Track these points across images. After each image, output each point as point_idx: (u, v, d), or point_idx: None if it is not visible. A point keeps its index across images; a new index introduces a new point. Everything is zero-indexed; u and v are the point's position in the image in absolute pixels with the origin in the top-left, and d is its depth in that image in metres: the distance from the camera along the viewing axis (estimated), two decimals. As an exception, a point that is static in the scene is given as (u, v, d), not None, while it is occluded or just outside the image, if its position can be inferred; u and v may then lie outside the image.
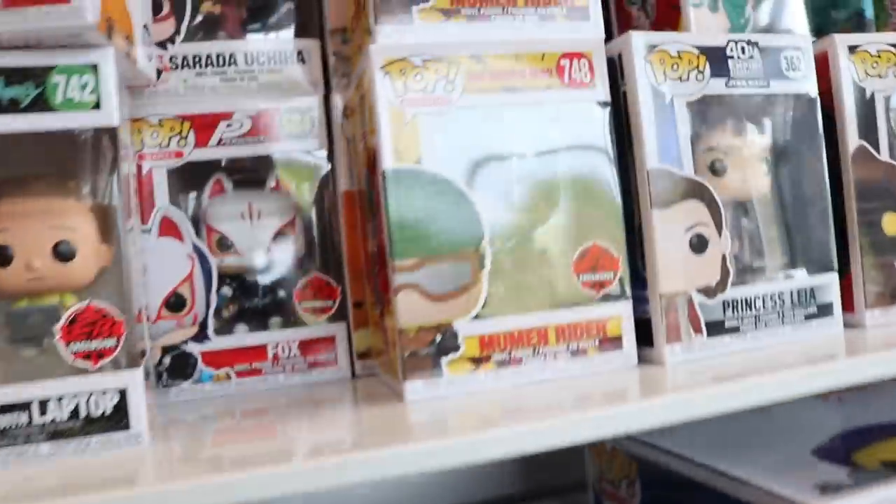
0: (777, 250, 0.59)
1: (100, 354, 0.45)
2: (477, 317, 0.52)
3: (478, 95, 0.53)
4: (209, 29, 0.61)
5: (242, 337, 0.60)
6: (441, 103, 0.52)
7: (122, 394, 0.45)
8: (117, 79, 0.46)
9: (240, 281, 0.62)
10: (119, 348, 0.45)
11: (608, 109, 0.55)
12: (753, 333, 0.57)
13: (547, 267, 0.54)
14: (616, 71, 0.56)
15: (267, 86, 0.61)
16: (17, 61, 0.44)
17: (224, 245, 0.61)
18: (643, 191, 0.55)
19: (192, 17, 0.60)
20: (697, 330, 0.55)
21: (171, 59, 0.59)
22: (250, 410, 0.55)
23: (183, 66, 0.59)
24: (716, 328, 0.56)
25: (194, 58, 0.59)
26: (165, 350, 0.58)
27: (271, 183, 0.62)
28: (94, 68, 0.45)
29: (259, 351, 0.60)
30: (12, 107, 0.44)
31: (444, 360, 0.51)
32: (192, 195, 0.61)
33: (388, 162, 0.51)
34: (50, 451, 0.44)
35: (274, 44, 0.61)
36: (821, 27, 0.69)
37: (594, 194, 0.55)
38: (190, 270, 0.59)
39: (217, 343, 0.59)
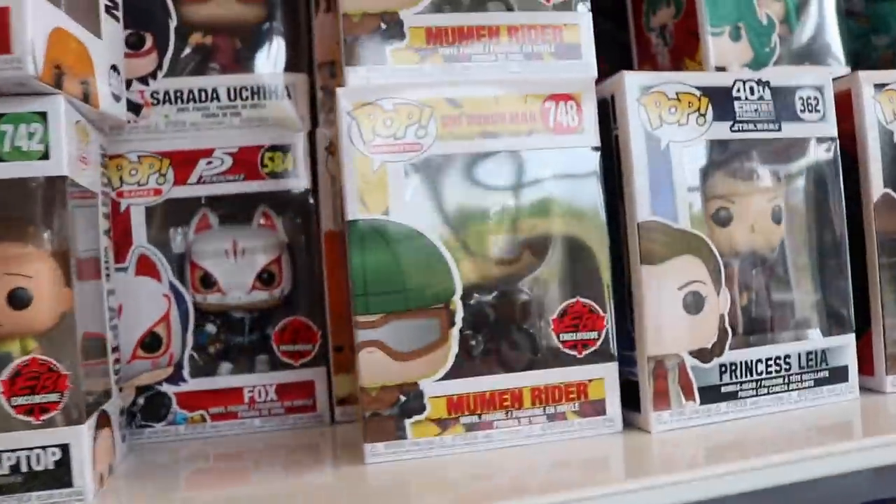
0: (787, 307, 0.54)
1: (43, 409, 0.44)
2: (445, 377, 0.49)
3: (453, 142, 0.50)
4: (200, 61, 0.60)
5: (218, 379, 0.59)
6: (412, 150, 0.49)
7: (65, 449, 0.44)
8: (68, 126, 0.45)
9: (224, 318, 0.61)
10: (63, 403, 0.45)
11: (597, 155, 0.51)
12: (754, 400, 0.52)
13: (526, 324, 0.51)
14: (609, 114, 0.52)
15: (250, 121, 0.59)
16: (-31, 110, 0.44)
17: (208, 282, 0.59)
18: (633, 245, 0.51)
19: (180, 49, 0.59)
20: (689, 396, 0.51)
21: (152, 94, 0.58)
22: (210, 463, 0.54)
23: (164, 102, 0.58)
24: (711, 394, 0.51)
25: (176, 93, 0.58)
26: (140, 390, 0.57)
27: (258, 219, 0.61)
28: (43, 116, 0.44)
29: (235, 394, 0.58)
30: (-43, 157, 0.44)
31: (408, 421, 0.49)
32: (178, 231, 0.59)
33: (352, 213, 0.49)
34: (-10, 508, 0.44)
35: (260, 78, 0.59)
36: (860, 54, 0.63)
37: (581, 247, 0.51)
38: (166, 310, 0.58)
39: (192, 384, 0.58)
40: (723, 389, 0.52)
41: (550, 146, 0.50)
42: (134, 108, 0.57)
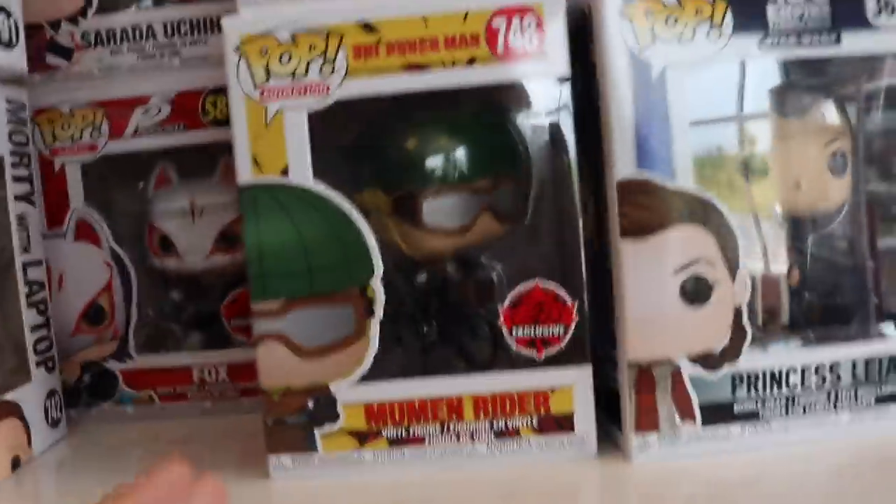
0: (849, 292, 0.39)
1: None
2: (362, 379, 0.39)
3: (368, 79, 0.38)
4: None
5: (166, 357, 0.52)
6: (316, 92, 0.39)
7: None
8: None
9: (192, 283, 0.54)
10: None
11: (566, 89, 0.38)
12: (783, 423, 0.38)
13: (472, 314, 0.40)
14: (586, 33, 0.38)
15: (191, 61, 0.50)
16: None
17: (166, 245, 0.53)
18: (612, 211, 0.37)
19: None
20: (687, 415, 0.37)
21: (83, 35, 0.50)
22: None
23: (96, 44, 0.50)
24: (718, 414, 0.38)
25: (108, 33, 0.50)
26: (84, 367, 0.52)
27: (221, 171, 0.53)
28: None
29: (184, 373, 0.52)
30: None
31: (318, 432, 0.40)
32: (126, 188, 0.53)
33: (244, 175, 0.39)
34: None
35: (199, 9, 0.50)
36: None
37: (542, 213, 0.39)
38: (108, 279, 0.52)
39: (139, 362, 0.52)
40: (737, 408, 0.37)
41: (500, 79, 0.38)
42: (64, 52, 0.50)
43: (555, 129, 0.38)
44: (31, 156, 0.49)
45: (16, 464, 0.45)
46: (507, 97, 0.39)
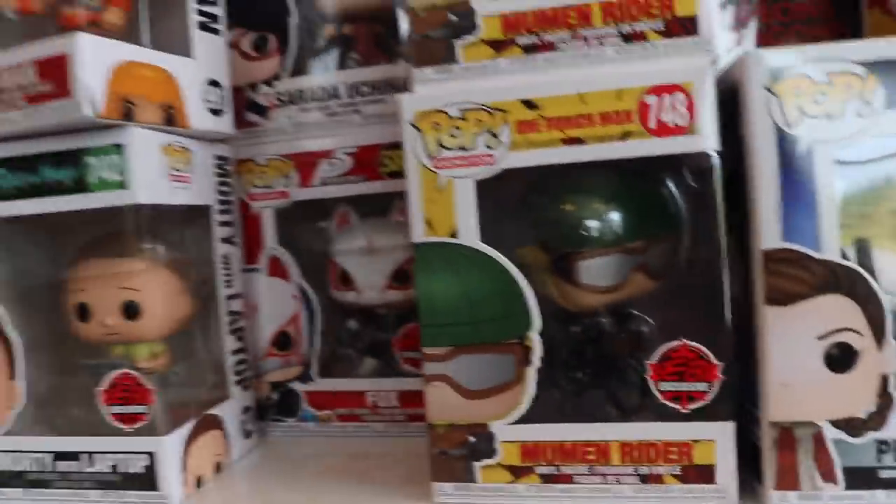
0: None
1: (135, 418, 0.48)
2: (519, 420, 0.43)
3: (530, 151, 0.42)
4: (340, 51, 0.58)
5: (344, 381, 0.58)
6: (483, 163, 0.43)
7: (152, 457, 0.47)
8: (148, 153, 0.47)
9: (367, 314, 0.60)
10: (150, 415, 0.48)
11: (716, 162, 0.40)
12: (932, 490, 0.38)
13: (620, 368, 0.43)
14: (735, 107, 0.40)
15: (371, 118, 0.56)
16: (60, 146, 0.47)
17: (345, 280, 0.59)
18: (756, 279, 0.39)
19: (311, 44, 0.57)
20: (829, 477, 0.39)
21: (277, 95, 0.57)
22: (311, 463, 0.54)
23: (288, 103, 0.57)
24: (861, 478, 0.39)
25: (299, 93, 0.57)
26: (273, 386, 0.59)
27: (396, 215, 0.58)
28: (119, 148, 0.46)
29: (360, 397, 0.57)
30: (59, 188, 0.47)
31: (477, 465, 0.44)
32: (309, 229, 0.59)
33: (418, 234, 0.44)
34: (97, 498, 0.49)
35: (379, 71, 0.56)
36: None
37: (692, 275, 0.41)
38: (296, 311, 0.59)
39: (320, 384, 0.58)
40: (881, 474, 0.39)
41: (652, 152, 0.41)
42: (261, 110, 0.58)
43: (704, 198, 0.40)
44: (234, 203, 0.57)
45: (218, 468, 0.53)
46: (659, 167, 0.42)
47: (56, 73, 0.43)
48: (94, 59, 0.43)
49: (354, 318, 0.60)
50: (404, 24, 0.55)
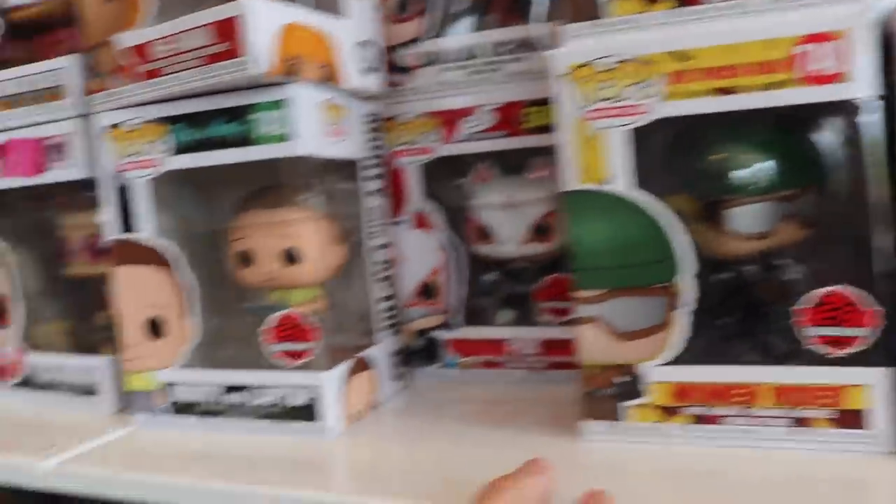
0: None
1: (298, 355, 0.52)
2: (669, 362, 0.45)
3: (682, 101, 0.43)
4: (478, 13, 0.60)
5: (487, 329, 0.61)
6: (634, 113, 0.44)
7: (314, 391, 0.51)
8: (309, 108, 0.50)
9: (504, 266, 0.62)
10: (315, 351, 0.51)
11: (872, 107, 0.40)
12: None
13: (771, 311, 0.44)
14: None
15: (512, 76, 0.57)
16: (230, 102, 0.51)
17: (484, 234, 0.61)
18: (916, 223, 0.39)
19: (450, 6, 0.59)
20: None
21: (419, 56, 0.59)
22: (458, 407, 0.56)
23: (431, 63, 0.59)
24: None
25: (441, 53, 0.59)
26: (416, 334, 0.62)
27: (534, 171, 0.60)
28: (284, 104, 0.49)
29: (501, 345, 0.60)
30: (228, 141, 0.51)
31: (627, 404, 0.46)
32: (452, 184, 0.62)
33: (570, 182, 0.45)
34: (264, 427, 0.53)
35: (521, 31, 0.57)
36: None
37: (848, 222, 0.42)
38: (440, 261, 0.61)
39: (463, 332, 0.61)
40: None
41: (806, 100, 0.41)
42: (404, 71, 0.60)
43: (860, 145, 0.40)
44: (381, 158, 0.60)
45: (370, 407, 0.56)
46: (813, 115, 0.42)
47: (229, 35, 0.47)
48: (264, 21, 0.47)
49: (492, 271, 0.63)
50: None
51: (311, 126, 0.50)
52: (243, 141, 0.50)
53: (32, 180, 0.61)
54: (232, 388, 0.53)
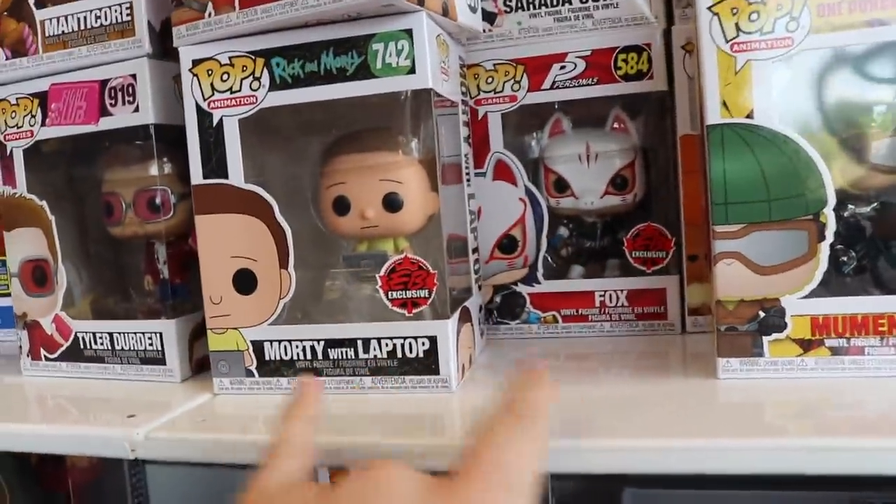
0: None
1: (414, 303, 0.49)
2: (810, 294, 0.45)
3: (831, 34, 0.44)
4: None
5: (570, 282, 0.60)
6: (781, 46, 0.44)
7: (433, 341, 0.49)
8: (430, 40, 0.47)
9: (577, 222, 0.62)
10: (431, 299, 0.49)
11: None
12: None
13: (909, 241, 0.45)
14: None
15: (603, 22, 0.57)
16: (342, 33, 0.48)
17: (561, 186, 0.60)
18: None
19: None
20: None
21: (505, 2, 0.58)
22: (561, 361, 0.56)
23: (517, 9, 0.58)
24: None
25: (528, -1, 0.58)
26: (496, 289, 0.61)
27: (611, 123, 0.59)
28: (409, 33, 0.47)
29: (587, 297, 0.59)
30: (340, 75, 0.48)
31: (767, 339, 0.46)
32: (532, 136, 0.61)
33: (712, 116, 0.45)
34: (371, 384, 0.50)
35: (613, -25, 0.57)
36: None
37: None
38: (522, 214, 0.60)
39: (546, 286, 0.60)
40: None
41: (957, 31, 0.42)
42: (488, 16, 0.58)
43: None
44: (469, 105, 0.58)
45: (470, 361, 0.54)
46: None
47: (364, -44, 0.44)
48: (400, -60, 0.44)
49: (565, 225, 0.62)
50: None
51: (433, 60, 0.48)
52: (359, 74, 0.47)
53: (86, 128, 0.56)
54: (332, 344, 0.50)
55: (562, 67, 0.57)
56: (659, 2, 0.56)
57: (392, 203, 0.51)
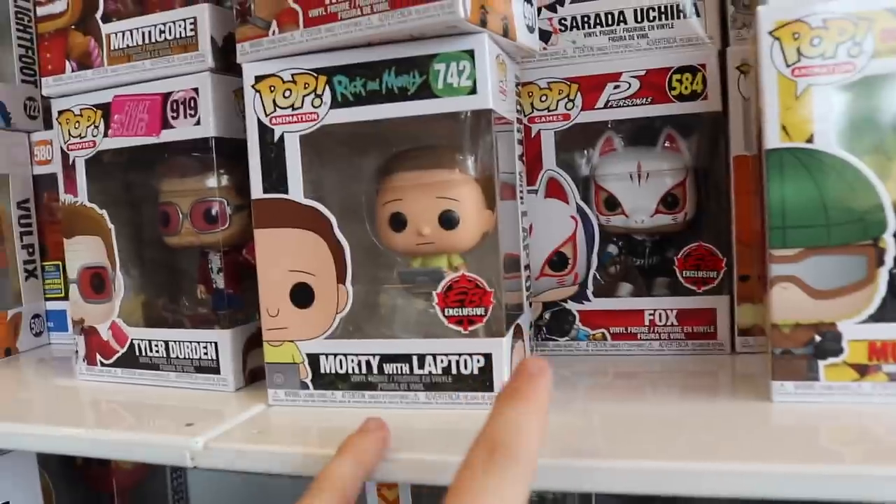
0: None
1: (470, 321, 0.49)
2: (868, 319, 0.45)
3: (892, 58, 0.44)
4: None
5: (620, 300, 0.60)
6: (843, 71, 0.44)
7: (488, 358, 0.49)
8: (491, 61, 0.48)
9: (626, 240, 0.62)
10: (487, 317, 0.49)
11: None
12: None
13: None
14: None
15: (658, 42, 0.57)
16: (404, 52, 0.48)
17: (611, 204, 0.60)
18: None
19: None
20: None
21: (560, 21, 0.59)
22: (609, 379, 0.56)
23: (572, 28, 0.59)
24: None
25: (583, 18, 0.58)
26: (546, 306, 0.61)
27: (663, 142, 0.60)
28: (471, 54, 0.47)
29: (636, 315, 0.59)
30: (401, 94, 0.49)
31: (822, 363, 0.46)
32: (584, 154, 0.61)
33: (772, 140, 0.45)
34: (426, 399, 0.50)
35: (665, -2, 0.58)
36: None
37: None
38: (573, 231, 0.60)
39: (595, 304, 0.60)
40: None
41: None
42: (544, 35, 0.59)
43: None
44: (523, 123, 0.59)
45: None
46: None
47: (428, -22, 0.45)
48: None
49: (614, 243, 0.62)
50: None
51: (493, 80, 0.48)
52: (421, 93, 0.48)
53: (149, 140, 0.57)
54: (387, 358, 0.51)
55: (616, 87, 0.58)
56: (714, 23, 0.57)
57: (448, 220, 0.51)
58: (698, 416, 0.47)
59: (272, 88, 0.51)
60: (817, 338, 0.46)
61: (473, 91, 0.48)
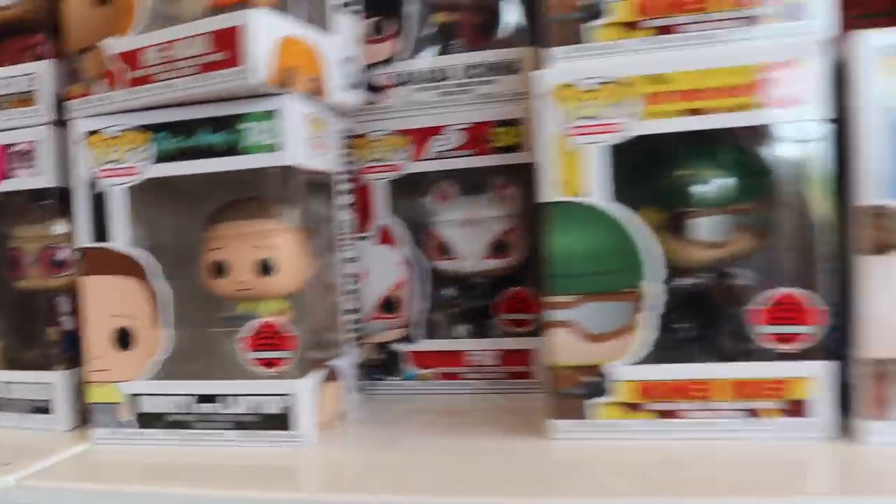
0: None
1: (272, 363, 0.53)
2: (634, 362, 0.49)
3: (658, 120, 0.48)
4: (444, 39, 0.64)
5: (447, 342, 0.64)
6: (613, 130, 0.48)
7: (289, 399, 0.52)
8: (298, 120, 0.52)
9: (463, 282, 0.65)
10: (291, 359, 0.52)
11: (825, 131, 0.45)
12: None
13: (728, 312, 0.48)
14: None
15: (483, 97, 0.62)
16: (218, 112, 0.52)
17: (444, 250, 0.64)
18: (855, 231, 0.45)
19: (421, 30, 0.63)
20: (918, 408, 0.45)
21: (393, 76, 0.63)
22: (425, 416, 0.59)
23: (402, 83, 0.63)
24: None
25: (414, 74, 0.63)
26: (377, 347, 0.64)
27: (493, 190, 0.63)
28: (275, 114, 0.51)
29: (462, 356, 0.63)
30: (215, 150, 0.52)
31: (594, 402, 0.49)
32: (417, 202, 0.65)
33: (549, 194, 0.49)
34: (234, 437, 0.53)
35: (491, 55, 0.61)
36: None
37: (797, 231, 0.47)
38: (403, 276, 0.64)
39: (425, 345, 0.64)
40: (965, 403, 0.44)
41: (767, 121, 0.46)
42: (377, 89, 0.63)
43: (811, 163, 0.46)
44: (351, 173, 0.62)
45: (339, 418, 0.57)
46: (769, 134, 0.47)
47: (229, 44, 0.48)
48: (265, 32, 0.48)
49: (450, 286, 0.65)
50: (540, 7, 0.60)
51: (298, 137, 0.52)
52: (231, 150, 0.51)
53: (-8, 187, 0.60)
54: (203, 399, 0.54)
55: (441, 139, 0.62)
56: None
57: (266, 268, 0.54)
58: (483, 451, 0.50)
59: (99, 143, 0.55)
60: (590, 379, 0.49)
61: (278, 148, 0.51)
